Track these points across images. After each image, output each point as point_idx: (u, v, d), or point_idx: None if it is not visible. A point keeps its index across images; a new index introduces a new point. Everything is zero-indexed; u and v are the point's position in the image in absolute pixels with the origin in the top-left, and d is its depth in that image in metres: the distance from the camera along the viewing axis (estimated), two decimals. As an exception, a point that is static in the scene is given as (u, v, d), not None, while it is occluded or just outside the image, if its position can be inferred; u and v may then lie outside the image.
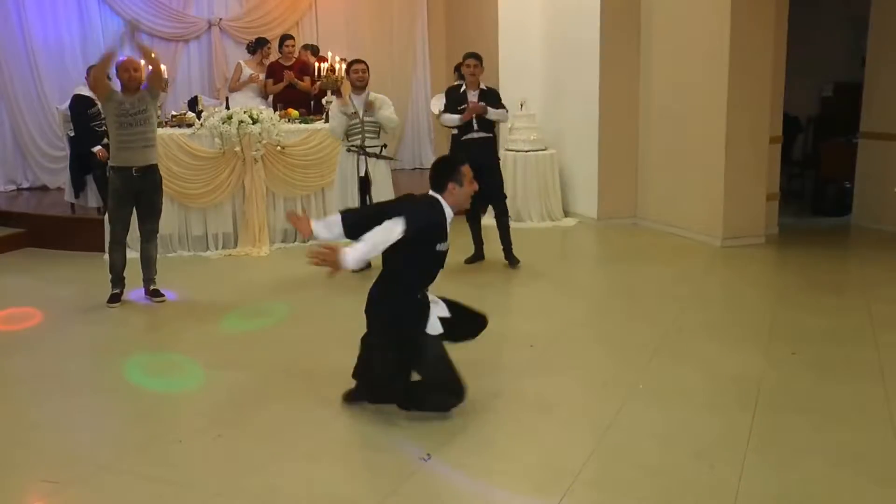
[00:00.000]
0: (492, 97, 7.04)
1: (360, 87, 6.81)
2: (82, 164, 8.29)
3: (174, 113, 8.18)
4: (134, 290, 6.34)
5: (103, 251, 6.95)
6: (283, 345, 5.20)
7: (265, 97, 9.31)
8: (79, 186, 8.46)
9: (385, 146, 6.99)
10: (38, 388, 4.53)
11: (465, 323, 4.14)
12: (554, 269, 7.44)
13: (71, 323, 5.81)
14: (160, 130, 7.72)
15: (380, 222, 3.79)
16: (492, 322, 4.27)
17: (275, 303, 6.23)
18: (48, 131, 10.32)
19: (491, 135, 7.10)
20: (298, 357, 4.96)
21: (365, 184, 6.83)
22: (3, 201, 9.66)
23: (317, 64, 8.14)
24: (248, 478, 3.46)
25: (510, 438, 3.86)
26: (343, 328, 5.46)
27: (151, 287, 6.29)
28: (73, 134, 8.34)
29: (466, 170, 4.06)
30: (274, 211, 7.99)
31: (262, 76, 9.35)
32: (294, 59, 9.32)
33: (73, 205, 8.59)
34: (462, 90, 7.07)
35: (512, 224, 9.01)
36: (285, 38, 9.45)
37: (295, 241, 8.12)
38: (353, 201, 6.81)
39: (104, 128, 7.09)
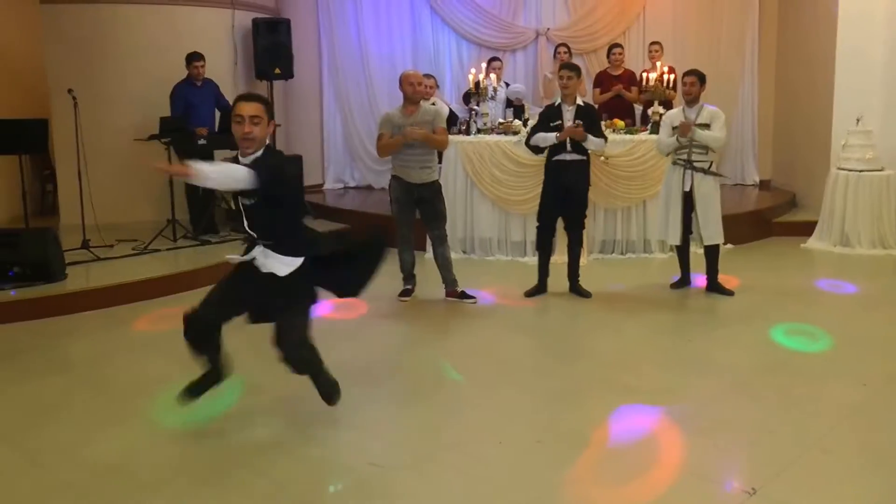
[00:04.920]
0: (589, 115, 6.52)
1: (689, 100, 6.63)
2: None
3: (501, 121, 8.47)
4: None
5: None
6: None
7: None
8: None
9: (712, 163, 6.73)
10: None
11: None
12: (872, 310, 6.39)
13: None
14: (486, 137, 8.10)
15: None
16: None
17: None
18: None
19: (585, 157, 6.55)
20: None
21: (689, 200, 6.63)
22: (332, 198, 10.65)
23: (644, 74, 8.06)
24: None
25: None
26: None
27: (458, 290, 6.52)
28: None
29: None
30: (593, 221, 7.99)
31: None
32: (622, 70, 9.23)
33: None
34: (556, 104, 6.59)
35: (838, 249, 8.45)
36: (613, 46, 9.34)
37: (612, 252, 8.14)
38: (676, 217, 6.65)
39: None
